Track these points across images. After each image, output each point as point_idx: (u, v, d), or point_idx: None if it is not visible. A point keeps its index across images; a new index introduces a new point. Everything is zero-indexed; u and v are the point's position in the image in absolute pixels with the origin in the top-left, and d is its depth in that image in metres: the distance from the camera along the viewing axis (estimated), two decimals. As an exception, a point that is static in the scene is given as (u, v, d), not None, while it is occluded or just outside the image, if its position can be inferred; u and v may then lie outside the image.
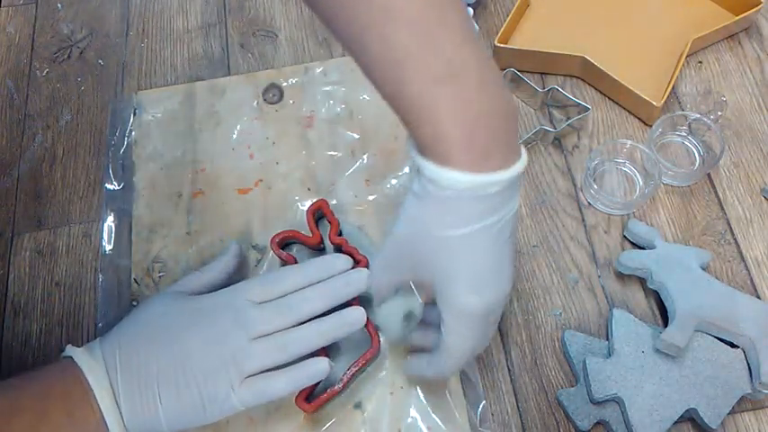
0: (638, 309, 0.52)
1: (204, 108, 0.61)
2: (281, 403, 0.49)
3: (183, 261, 0.54)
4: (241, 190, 0.57)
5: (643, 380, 0.47)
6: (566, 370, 0.50)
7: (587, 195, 0.56)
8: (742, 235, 0.54)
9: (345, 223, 0.55)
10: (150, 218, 0.56)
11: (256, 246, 0.55)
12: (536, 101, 0.59)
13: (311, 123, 0.59)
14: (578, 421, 0.47)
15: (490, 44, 0.63)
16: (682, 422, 0.48)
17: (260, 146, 0.59)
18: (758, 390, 0.47)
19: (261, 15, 0.66)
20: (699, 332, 0.48)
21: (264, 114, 0.60)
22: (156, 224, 0.56)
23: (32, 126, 0.62)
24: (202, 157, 0.58)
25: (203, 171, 0.58)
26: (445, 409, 0.48)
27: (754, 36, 0.63)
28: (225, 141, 0.59)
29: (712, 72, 0.62)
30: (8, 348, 0.52)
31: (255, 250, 0.54)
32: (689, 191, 0.56)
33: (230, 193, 0.57)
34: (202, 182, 0.57)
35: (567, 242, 0.54)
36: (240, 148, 0.59)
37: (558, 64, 0.60)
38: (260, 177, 0.57)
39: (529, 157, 0.57)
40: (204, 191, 0.57)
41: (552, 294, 0.53)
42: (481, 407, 0.48)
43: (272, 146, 0.59)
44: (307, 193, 0.56)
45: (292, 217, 0.56)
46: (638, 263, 0.51)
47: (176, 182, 0.57)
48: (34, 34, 0.67)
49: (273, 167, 0.58)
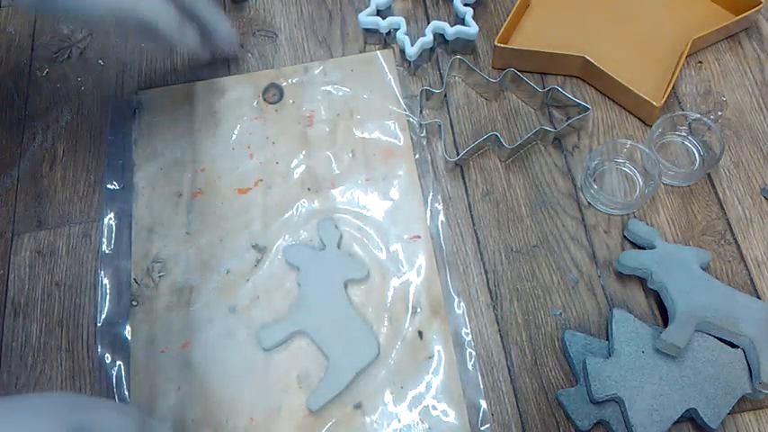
0: (638, 309, 0.52)
1: (204, 108, 0.61)
2: (281, 403, 0.49)
3: (182, 261, 0.54)
4: (241, 190, 0.57)
5: (643, 380, 0.47)
6: (566, 370, 0.50)
7: (587, 195, 0.56)
8: (742, 235, 0.54)
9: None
10: (150, 218, 0.56)
11: (256, 245, 0.55)
12: (536, 101, 0.59)
13: (311, 123, 0.59)
14: (578, 421, 0.47)
15: (490, 44, 0.63)
16: (682, 422, 0.48)
17: (260, 145, 0.59)
18: (758, 390, 0.47)
19: (261, 15, 0.66)
20: (699, 332, 0.48)
21: (264, 114, 0.60)
22: (155, 224, 0.56)
23: (32, 126, 0.62)
24: (202, 156, 0.58)
25: (203, 171, 0.58)
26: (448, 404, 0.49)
27: (754, 36, 0.63)
28: (225, 141, 0.59)
29: (712, 72, 0.62)
30: (8, 348, 0.52)
31: (255, 250, 0.54)
32: (689, 191, 0.56)
33: (230, 192, 0.57)
34: (202, 182, 0.57)
35: (567, 242, 0.54)
36: (240, 148, 0.59)
37: (558, 64, 0.60)
38: (260, 177, 0.57)
39: (529, 158, 0.58)
40: (204, 191, 0.57)
41: (552, 294, 0.53)
42: (482, 406, 0.49)
43: (272, 145, 0.59)
44: (306, 193, 0.56)
45: (291, 217, 0.56)
46: (638, 263, 0.51)
47: (176, 182, 0.57)
48: (34, 34, 0.67)
49: (273, 167, 0.58)
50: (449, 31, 0.60)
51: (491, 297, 0.53)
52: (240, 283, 0.53)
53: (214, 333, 0.52)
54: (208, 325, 0.52)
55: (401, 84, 0.61)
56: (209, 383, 0.50)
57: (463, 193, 0.57)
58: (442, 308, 0.52)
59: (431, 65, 0.62)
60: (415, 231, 0.55)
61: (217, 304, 0.53)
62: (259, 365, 0.51)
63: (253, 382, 0.50)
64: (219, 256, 0.54)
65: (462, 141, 0.59)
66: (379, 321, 0.52)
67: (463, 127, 0.59)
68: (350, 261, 0.53)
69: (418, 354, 0.51)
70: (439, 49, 0.63)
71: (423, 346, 0.51)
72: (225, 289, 0.53)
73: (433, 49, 0.62)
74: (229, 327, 0.52)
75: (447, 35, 0.61)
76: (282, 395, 0.50)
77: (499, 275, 0.53)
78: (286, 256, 0.54)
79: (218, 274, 0.54)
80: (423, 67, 0.62)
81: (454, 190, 0.57)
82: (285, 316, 0.52)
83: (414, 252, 0.54)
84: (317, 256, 0.53)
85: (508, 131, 0.59)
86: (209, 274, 0.54)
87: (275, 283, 0.53)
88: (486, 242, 0.55)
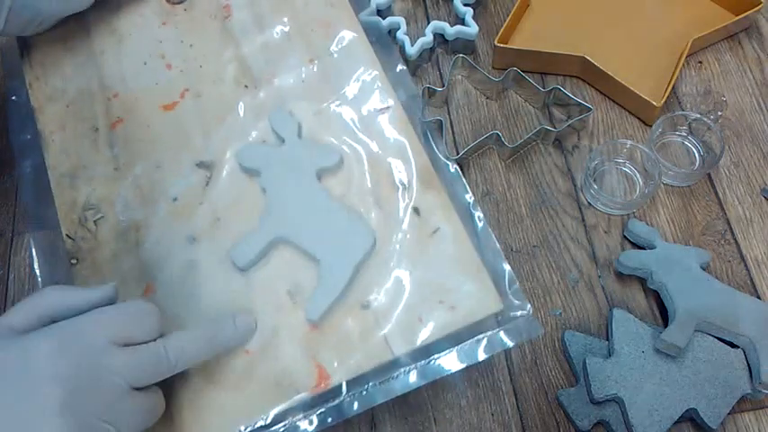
0: (638, 309, 0.52)
1: (101, 28, 0.54)
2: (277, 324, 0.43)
3: (119, 201, 0.48)
4: (166, 106, 0.51)
5: (643, 380, 0.47)
6: (566, 370, 0.50)
7: (587, 195, 0.56)
8: (742, 235, 0.54)
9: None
10: (68, 163, 0.50)
11: (201, 163, 0.48)
12: (538, 100, 0.59)
13: (230, 13, 0.53)
14: (578, 421, 0.47)
15: (490, 44, 0.63)
16: (682, 422, 0.48)
17: (175, 52, 0.52)
18: (758, 390, 0.47)
19: None
20: (699, 332, 0.48)
21: (172, 17, 0.54)
22: (76, 168, 0.49)
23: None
24: (111, 81, 0.52)
25: (116, 97, 0.51)
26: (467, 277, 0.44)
27: (754, 36, 0.63)
28: (133, 57, 0.52)
29: (712, 72, 0.62)
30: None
31: (202, 168, 0.48)
32: (689, 191, 0.56)
33: (154, 112, 0.50)
34: (119, 108, 0.51)
35: (567, 242, 0.54)
36: (153, 61, 0.52)
37: (558, 64, 0.60)
38: (185, 87, 0.51)
39: (529, 158, 0.58)
40: (123, 118, 0.51)
41: (552, 294, 0.53)
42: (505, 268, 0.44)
43: (190, 48, 0.53)
44: (246, 91, 0.51)
45: (234, 121, 0.50)
46: (638, 263, 0.51)
47: (88, 116, 0.51)
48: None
49: (198, 72, 0.52)
50: (449, 31, 0.60)
51: (491, 297, 0.53)
52: (193, 208, 0.47)
53: (176, 269, 0.45)
54: (167, 263, 0.46)
55: None
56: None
57: (463, 193, 0.57)
58: (434, 176, 0.47)
59: (431, 65, 0.62)
60: (382, 102, 0.49)
61: (172, 237, 0.46)
62: (240, 290, 0.44)
63: (236, 311, 0.43)
64: (161, 185, 0.48)
65: (462, 141, 0.59)
66: (367, 208, 0.46)
67: (463, 126, 0.59)
68: (317, 148, 0.48)
69: (421, 232, 0.45)
70: (439, 49, 0.63)
71: (422, 222, 0.45)
72: (177, 218, 0.47)
73: (434, 48, 0.62)
74: (193, 258, 0.46)
75: (447, 35, 0.61)
76: (276, 316, 0.43)
77: (499, 275, 0.53)
78: (241, 161, 0.47)
79: (165, 204, 0.47)
80: (423, 66, 0.62)
81: (454, 190, 0.57)
82: (256, 227, 0.45)
83: (386, 124, 0.48)
84: (278, 152, 0.47)
85: (508, 131, 0.59)
86: (154, 207, 0.47)
87: (235, 197, 0.47)
88: (486, 242, 0.55)
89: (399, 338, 0.42)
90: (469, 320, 0.42)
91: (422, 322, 0.42)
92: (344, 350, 0.42)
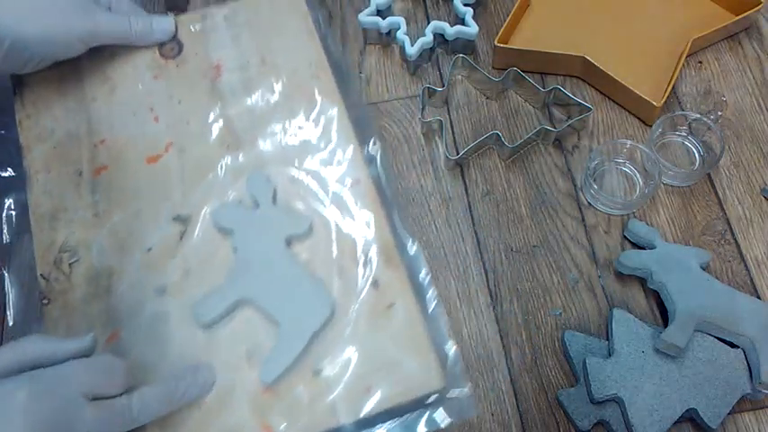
0: (638, 309, 0.52)
1: (95, 75, 0.55)
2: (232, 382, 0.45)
3: (95, 246, 0.48)
4: (150, 158, 0.51)
5: (643, 380, 0.47)
6: (566, 370, 0.50)
7: (587, 195, 0.56)
8: (742, 235, 0.54)
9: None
10: (50, 203, 0.50)
11: (178, 216, 0.49)
12: (538, 100, 0.59)
13: (219, 74, 0.54)
14: (578, 421, 0.47)
15: (490, 44, 0.63)
16: (682, 422, 0.48)
17: (164, 106, 0.53)
18: (758, 390, 0.47)
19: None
20: (699, 332, 0.48)
21: (164, 71, 0.55)
22: (57, 210, 0.50)
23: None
24: (99, 127, 0.52)
25: (103, 143, 0.52)
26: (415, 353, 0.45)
27: (754, 36, 0.63)
28: (123, 107, 0.53)
29: (712, 72, 0.62)
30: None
31: (178, 222, 0.49)
32: (689, 191, 0.56)
33: (138, 163, 0.51)
34: (104, 155, 0.51)
35: (567, 242, 0.54)
36: (142, 113, 0.53)
37: (558, 64, 0.60)
38: (170, 140, 0.52)
39: (529, 158, 0.58)
40: (108, 165, 0.51)
41: (552, 294, 0.53)
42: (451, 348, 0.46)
43: (179, 104, 0.53)
44: (227, 150, 0.52)
45: (214, 179, 0.50)
46: (638, 263, 0.51)
47: (74, 159, 0.51)
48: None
49: (184, 128, 0.52)
50: (449, 31, 0.60)
51: (491, 297, 0.53)
52: (166, 260, 0.48)
53: (144, 319, 0.46)
54: (135, 311, 0.46)
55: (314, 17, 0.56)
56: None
57: (463, 193, 0.57)
58: (395, 253, 0.48)
59: (431, 65, 0.62)
60: (354, 176, 0.50)
61: (142, 287, 0.47)
62: (201, 345, 0.45)
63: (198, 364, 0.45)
64: (138, 234, 0.49)
65: (462, 141, 0.59)
66: (330, 277, 0.47)
67: (463, 126, 0.59)
68: (289, 215, 0.49)
69: (377, 304, 0.46)
70: (439, 49, 0.63)
71: (380, 295, 0.46)
72: (149, 269, 0.48)
73: (434, 48, 0.62)
74: (160, 310, 0.46)
75: (447, 35, 0.61)
76: (232, 374, 0.45)
77: (499, 275, 0.53)
78: (216, 220, 0.49)
79: (139, 254, 0.48)
80: (423, 66, 0.62)
81: (454, 190, 0.57)
82: (222, 285, 0.47)
83: (356, 199, 0.50)
84: (252, 215, 0.49)
85: (508, 131, 0.59)
86: (129, 256, 0.48)
87: (207, 253, 0.48)
88: (486, 242, 0.55)
89: (346, 407, 0.44)
90: (413, 395, 0.44)
91: (369, 393, 0.44)
92: (293, 414, 0.44)
